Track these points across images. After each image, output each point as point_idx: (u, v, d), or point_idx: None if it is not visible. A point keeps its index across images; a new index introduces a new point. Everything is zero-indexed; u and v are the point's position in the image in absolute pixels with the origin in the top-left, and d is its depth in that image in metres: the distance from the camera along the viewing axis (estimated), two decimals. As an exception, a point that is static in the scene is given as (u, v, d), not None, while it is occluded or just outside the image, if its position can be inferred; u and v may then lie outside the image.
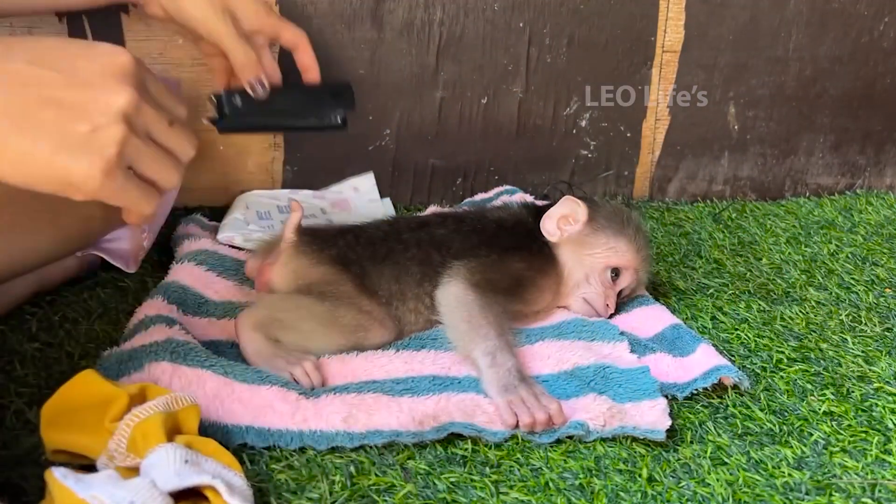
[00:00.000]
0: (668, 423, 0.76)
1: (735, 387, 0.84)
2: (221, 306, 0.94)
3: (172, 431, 0.65)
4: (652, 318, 0.98)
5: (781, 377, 0.88)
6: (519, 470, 0.72)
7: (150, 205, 0.60)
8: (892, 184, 1.54)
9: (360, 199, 1.25)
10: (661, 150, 1.42)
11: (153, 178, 0.60)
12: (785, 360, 0.91)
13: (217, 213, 1.19)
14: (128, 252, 1.01)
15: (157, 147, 0.60)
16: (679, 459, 0.74)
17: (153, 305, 0.88)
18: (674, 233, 1.30)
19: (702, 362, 0.87)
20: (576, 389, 0.82)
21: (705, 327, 0.99)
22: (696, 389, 0.83)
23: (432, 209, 1.27)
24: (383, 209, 1.24)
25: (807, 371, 0.89)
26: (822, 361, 0.91)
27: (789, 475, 0.72)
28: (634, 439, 0.76)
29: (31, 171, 0.55)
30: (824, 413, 0.81)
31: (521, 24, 1.29)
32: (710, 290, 1.09)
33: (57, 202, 0.75)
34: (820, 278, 1.13)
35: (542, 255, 0.97)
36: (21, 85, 0.55)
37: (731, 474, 0.72)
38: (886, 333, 0.98)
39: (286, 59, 0.98)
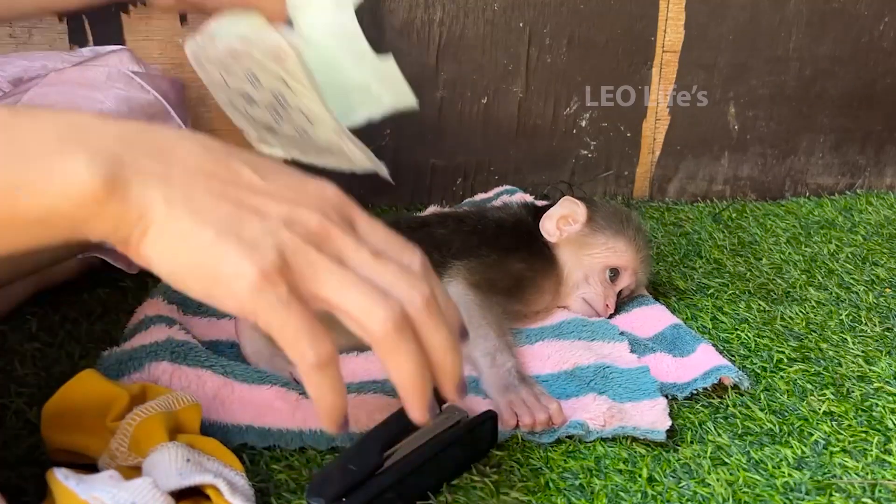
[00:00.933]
0: (668, 423, 0.76)
1: (735, 387, 0.84)
2: (221, 306, 0.93)
3: (174, 431, 0.65)
4: (652, 318, 0.98)
5: (781, 377, 0.88)
6: (519, 470, 0.72)
7: (316, 345, 0.49)
8: (892, 184, 1.54)
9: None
10: (661, 150, 1.42)
11: (318, 291, 0.49)
12: (785, 360, 0.91)
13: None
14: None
15: (347, 270, 0.50)
16: (679, 459, 0.74)
17: (153, 305, 0.88)
18: (674, 233, 1.30)
19: (702, 362, 0.87)
20: (576, 389, 0.82)
21: (705, 327, 0.99)
22: (696, 389, 0.83)
23: (432, 209, 1.27)
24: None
25: (807, 371, 0.89)
26: (822, 361, 0.91)
27: (789, 475, 0.72)
28: (634, 439, 0.76)
29: (187, 253, 0.47)
30: (824, 413, 0.81)
31: (521, 24, 1.29)
32: (710, 290, 1.09)
33: None
34: (820, 278, 1.13)
35: (541, 256, 0.97)
36: (219, 179, 0.48)
37: (731, 474, 0.72)
38: (886, 333, 0.98)
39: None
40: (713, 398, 0.83)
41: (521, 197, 1.26)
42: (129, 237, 0.46)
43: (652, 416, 0.77)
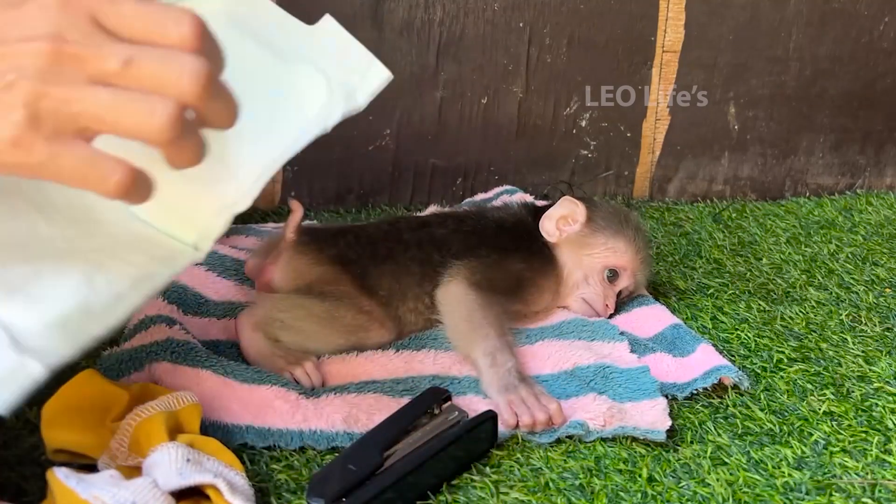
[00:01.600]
0: (669, 423, 0.76)
1: (735, 387, 0.84)
2: (221, 306, 0.94)
3: (174, 430, 0.65)
4: (652, 318, 0.98)
5: (781, 377, 0.88)
6: (519, 470, 0.72)
7: (115, 173, 0.45)
8: (892, 184, 1.54)
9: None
10: (661, 150, 1.42)
11: (87, 124, 0.44)
12: (785, 360, 0.91)
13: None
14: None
15: (114, 91, 0.44)
16: (679, 459, 0.74)
17: (153, 305, 0.88)
18: (674, 233, 1.30)
19: (702, 362, 0.87)
20: (576, 389, 0.82)
21: (705, 327, 0.99)
22: (696, 389, 0.83)
23: (432, 209, 1.27)
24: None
25: (807, 371, 0.89)
26: (822, 361, 0.91)
27: (789, 475, 0.72)
28: (634, 439, 0.76)
29: None
30: (824, 413, 0.81)
31: (521, 24, 1.29)
32: (710, 290, 1.09)
33: None
34: (820, 278, 1.13)
35: (541, 256, 0.97)
36: None
37: (731, 474, 0.72)
38: (886, 333, 0.98)
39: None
40: (713, 398, 0.83)
41: (521, 197, 1.26)
42: None
43: (652, 416, 0.77)
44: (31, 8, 0.44)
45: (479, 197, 1.33)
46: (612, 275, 0.97)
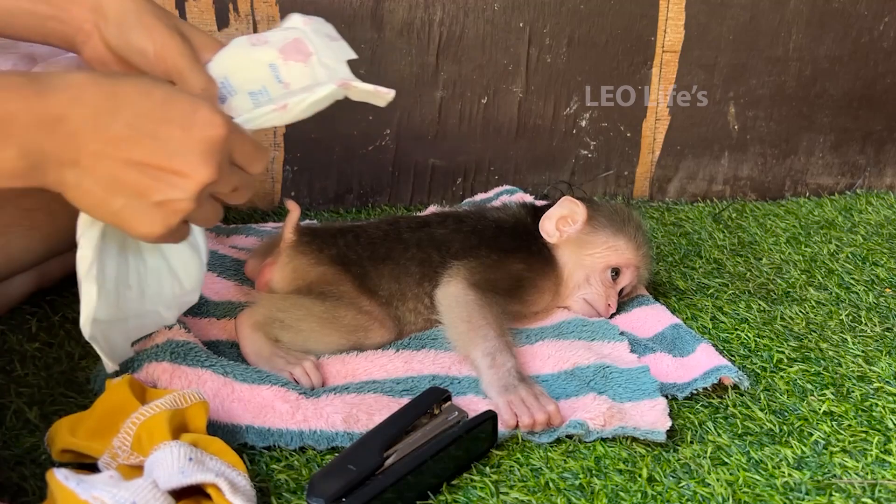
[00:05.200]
0: (668, 423, 0.76)
1: (735, 387, 0.84)
2: (221, 306, 0.94)
3: (179, 429, 0.65)
4: (652, 318, 0.98)
5: (781, 377, 0.88)
6: (519, 470, 0.72)
7: (184, 238, 0.69)
8: (892, 184, 1.54)
9: (317, 38, 0.81)
10: (661, 150, 1.42)
11: (197, 224, 0.69)
12: (785, 360, 0.91)
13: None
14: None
15: (213, 205, 0.67)
16: (679, 459, 0.74)
17: (153, 305, 0.88)
18: (674, 233, 1.30)
19: (702, 362, 0.87)
20: (576, 389, 0.82)
21: (705, 327, 0.99)
22: (696, 389, 0.83)
23: (432, 209, 1.27)
24: (347, 50, 0.82)
25: (807, 371, 0.89)
26: (822, 361, 0.91)
27: (789, 475, 0.72)
28: (634, 439, 0.76)
29: (102, 214, 0.63)
30: (824, 413, 0.81)
31: (521, 24, 1.29)
32: (710, 290, 1.09)
33: (53, 202, 0.75)
34: (820, 278, 1.13)
35: (541, 256, 0.97)
36: (113, 147, 0.60)
37: (731, 474, 0.72)
38: (886, 333, 0.98)
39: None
40: (713, 398, 0.83)
41: (521, 197, 1.26)
42: (52, 190, 0.62)
43: (652, 417, 0.77)
44: (199, 138, 0.62)
45: (479, 197, 1.33)
46: (615, 274, 0.97)
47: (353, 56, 0.80)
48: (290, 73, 0.76)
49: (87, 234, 0.70)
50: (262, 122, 0.73)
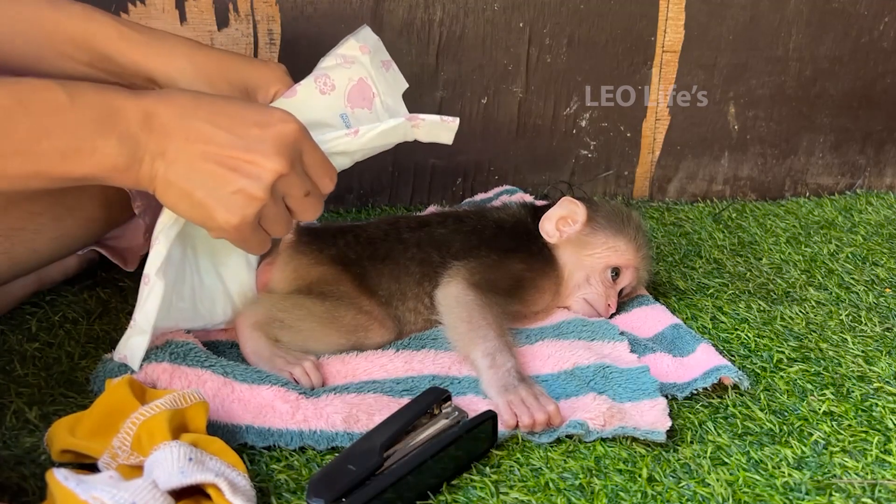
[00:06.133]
0: (668, 423, 0.76)
1: (735, 387, 0.84)
2: (221, 306, 0.93)
3: (179, 429, 0.65)
4: (652, 318, 0.98)
5: (781, 377, 0.88)
6: (519, 470, 0.72)
7: (262, 250, 0.74)
8: (892, 184, 1.54)
9: (375, 71, 0.87)
10: (661, 150, 1.42)
11: (269, 231, 0.73)
12: (785, 360, 0.91)
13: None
14: (126, 250, 1.01)
15: (285, 209, 0.72)
16: (679, 459, 0.74)
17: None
18: (674, 233, 1.30)
19: (702, 362, 0.87)
20: (575, 389, 0.82)
21: (705, 327, 0.99)
22: (696, 389, 0.83)
23: (432, 209, 1.27)
24: (400, 79, 0.92)
25: (807, 371, 0.89)
26: (822, 361, 0.91)
27: (789, 475, 0.72)
28: (634, 439, 0.76)
29: (185, 207, 0.69)
30: (824, 413, 0.81)
31: (521, 24, 1.29)
32: (710, 290, 1.09)
33: (58, 206, 0.76)
34: (820, 278, 1.13)
35: (541, 256, 0.97)
36: (195, 140, 0.66)
37: (731, 474, 0.72)
38: (886, 333, 0.98)
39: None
40: (713, 398, 0.83)
41: (521, 197, 1.26)
42: (145, 188, 0.67)
43: (652, 417, 0.77)
44: (274, 133, 0.68)
45: (479, 197, 1.33)
46: (615, 274, 0.97)
47: (406, 86, 0.89)
48: (358, 120, 0.84)
49: (167, 232, 0.75)
50: (333, 145, 0.78)
